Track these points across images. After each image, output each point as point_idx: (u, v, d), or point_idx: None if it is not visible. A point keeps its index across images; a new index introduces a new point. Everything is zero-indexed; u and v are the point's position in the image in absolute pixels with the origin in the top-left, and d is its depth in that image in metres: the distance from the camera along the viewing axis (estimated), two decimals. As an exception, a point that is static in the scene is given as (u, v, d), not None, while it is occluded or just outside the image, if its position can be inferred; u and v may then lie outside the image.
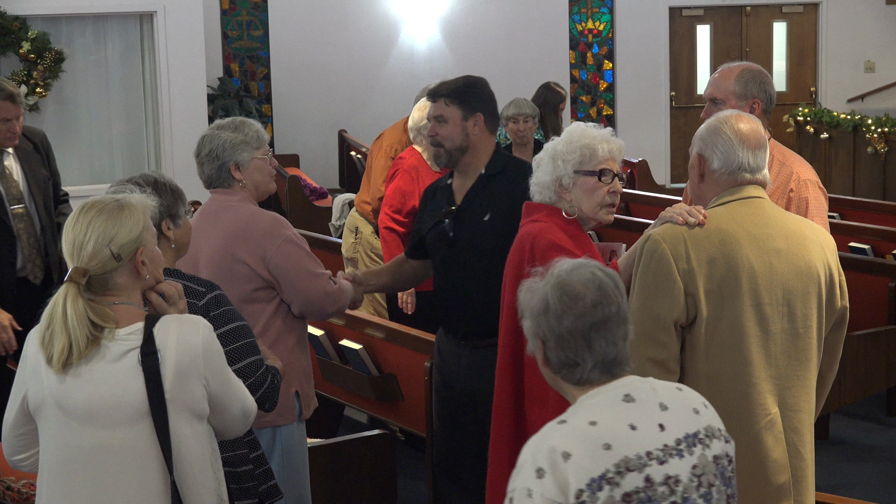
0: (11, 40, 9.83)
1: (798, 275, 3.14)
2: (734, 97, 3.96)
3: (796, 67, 15.44)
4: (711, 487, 2.43)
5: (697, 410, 2.49)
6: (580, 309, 2.46)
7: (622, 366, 2.50)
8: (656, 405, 2.45)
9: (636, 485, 2.35)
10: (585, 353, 2.47)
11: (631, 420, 2.41)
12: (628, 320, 2.51)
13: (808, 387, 3.20)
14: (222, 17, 13.71)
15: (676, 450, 2.41)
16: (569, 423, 2.42)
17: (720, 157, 3.20)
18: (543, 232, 3.51)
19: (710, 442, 2.46)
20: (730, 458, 2.51)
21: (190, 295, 3.41)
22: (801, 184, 3.90)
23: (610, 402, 2.44)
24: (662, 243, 3.10)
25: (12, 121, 5.35)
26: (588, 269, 2.50)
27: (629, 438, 2.38)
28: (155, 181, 3.46)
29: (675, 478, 2.38)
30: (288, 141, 14.01)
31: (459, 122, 4.25)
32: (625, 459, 2.36)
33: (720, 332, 3.09)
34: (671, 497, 2.37)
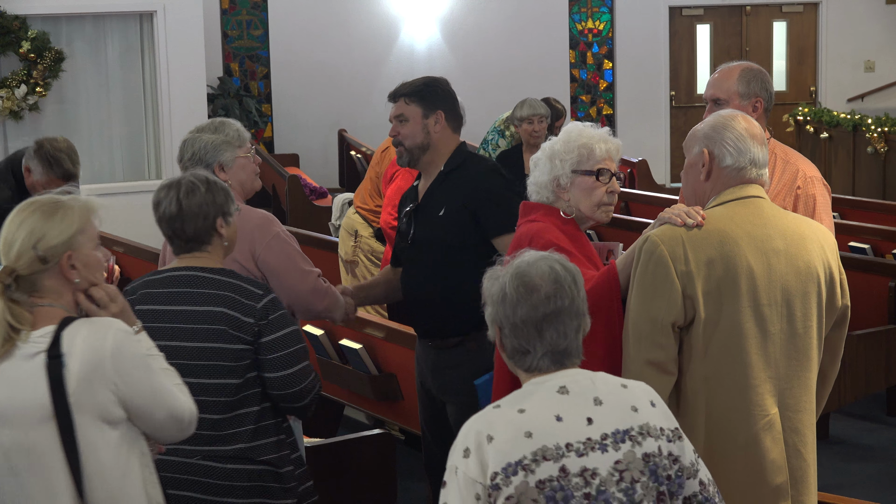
0: (11, 40, 9.83)
1: (797, 275, 3.13)
2: (737, 97, 3.96)
3: (796, 67, 15.44)
4: (635, 483, 2.48)
5: (636, 408, 2.55)
6: (534, 300, 2.56)
7: (572, 357, 2.59)
8: (590, 399, 2.53)
9: (550, 473, 2.44)
10: (536, 342, 2.57)
11: (559, 411, 2.50)
12: (583, 314, 2.61)
13: (808, 387, 3.19)
14: (222, 16, 13.71)
15: (600, 444, 2.49)
16: (502, 408, 2.54)
17: (732, 152, 3.18)
18: (541, 232, 3.50)
19: (643, 440, 2.52)
20: (673, 457, 2.55)
21: (247, 297, 3.42)
22: (807, 181, 3.92)
23: (544, 392, 2.54)
24: (661, 245, 3.09)
25: None
26: (547, 263, 2.60)
27: (552, 429, 2.47)
28: (207, 179, 3.51)
29: (592, 471, 2.46)
30: (288, 141, 14.00)
31: (420, 119, 4.23)
32: (543, 448, 2.46)
33: (719, 334, 3.08)
34: (585, 489, 2.45)
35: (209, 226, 3.48)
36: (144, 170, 10.66)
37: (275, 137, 14.00)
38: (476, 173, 4.20)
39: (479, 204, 4.13)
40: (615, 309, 3.30)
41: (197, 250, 3.51)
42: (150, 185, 10.50)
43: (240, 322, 3.40)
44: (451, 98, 4.32)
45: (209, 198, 3.47)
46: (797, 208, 3.89)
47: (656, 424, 2.56)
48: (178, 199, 3.47)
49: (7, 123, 10.00)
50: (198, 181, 3.49)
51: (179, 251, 3.54)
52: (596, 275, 3.36)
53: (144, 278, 3.61)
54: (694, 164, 3.27)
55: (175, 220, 3.48)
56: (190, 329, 3.43)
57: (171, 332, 3.44)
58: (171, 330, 3.45)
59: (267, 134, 13.97)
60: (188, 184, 3.48)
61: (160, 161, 10.53)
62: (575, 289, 2.60)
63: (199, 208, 3.46)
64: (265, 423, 3.45)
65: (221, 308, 3.41)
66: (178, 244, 3.52)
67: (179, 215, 3.46)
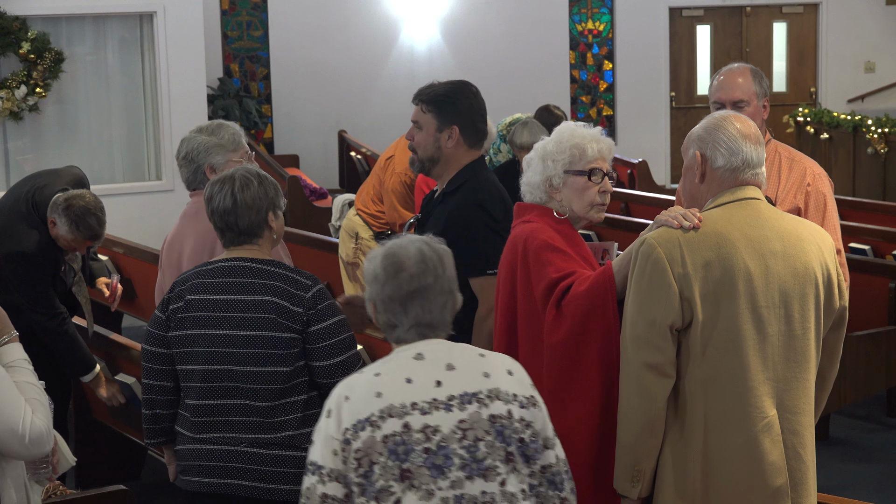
0: (11, 40, 9.83)
1: (795, 276, 3.13)
2: (755, 97, 4.01)
3: (796, 68, 15.45)
4: (479, 441, 2.69)
5: (489, 374, 2.75)
6: (400, 279, 2.78)
7: (437, 330, 2.81)
8: (443, 365, 2.75)
9: (394, 429, 2.67)
10: (402, 316, 2.79)
11: (410, 374, 2.74)
12: (451, 292, 2.81)
13: (807, 389, 3.18)
14: (222, 17, 13.71)
15: (445, 404, 2.70)
16: (363, 373, 2.80)
17: (724, 153, 3.17)
18: (535, 232, 3.50)
19: (491, 402, 2.71)
20: (526, 422, 2.74)
21: (296, 287, 3.50)
22: (816, 178, 3.97)
23: (402, 359, 2.79)
24: (657, 247, 3.08)
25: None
26: (416, 245, 2.82)
27: (401, 389, 2.71)
28: (258, 174, 3.62)
29: (434, 428, 2.68)
30: (288, 141, 14.00)
31: (433, 132, 4.07)
32: (389, 407, 2.69)
33: (716, 336, 3.07)
34: (425, 443, 2.67)
35: (262, 219, 3.57)
36: (144, 170, 10.66)
37: (275, 138, 14.01)
38: (461, 206, 4.02)
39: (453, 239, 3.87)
40: (610, 310, 3.30)
41: (248, 243, 3.59)
42: (150, 185, 10.51)
43: (289, 311, 3.46)
44: (471, 111, 4.11)
45: (262, 192, 3.57)
46: (808, 206, 3.92)
47: (508, 390, 2.75)
48: (233, 192, 3.55)
49: (7, 124, 10.00)
50: (251, 175, 3.59)
51: (230, 244, 3.61)
52: (591, 276, 3.35)
53: (196, 269, 3.67)
54: (689, 167, 3.27)
55: (229, 214, 3.56)
56: (240, 318, 3.49)
57: (221, 321, 3.51)
58: (222, 319, 3.51)
59: (267, 135, 13.98)
60: (242, 178, 3.57)
61: (160, 162, 10.53)
62: (441, 268, 2.80)
63: (252, 202, 3.55)
64: (312, 411, 3.48)
65: (271, 297, 3.48)
66: (230, 237, 3.60)
67: (234, 209, 3.55)
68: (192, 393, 3.57)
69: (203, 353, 3.52)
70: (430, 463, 2.67)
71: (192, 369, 3.55)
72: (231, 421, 3.52)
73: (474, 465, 2.68)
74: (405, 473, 2.66)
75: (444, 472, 2.67)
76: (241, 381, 3.49)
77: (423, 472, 2.66)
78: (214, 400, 3.53)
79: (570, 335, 3.33)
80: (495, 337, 3.66)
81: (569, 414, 3.35)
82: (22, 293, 5.08)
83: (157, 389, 3.65)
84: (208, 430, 3.54)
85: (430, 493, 2.66)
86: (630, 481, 3.14)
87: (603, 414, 3.32)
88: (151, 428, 3.71)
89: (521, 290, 3.51)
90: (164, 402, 3.66)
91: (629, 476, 3.14)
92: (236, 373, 3.49)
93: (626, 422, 3.13)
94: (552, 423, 2.89)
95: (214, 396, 3.53)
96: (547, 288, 3.39)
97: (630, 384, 3.10)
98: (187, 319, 3.55)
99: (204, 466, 3.55)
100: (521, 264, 3.50)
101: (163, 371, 3.63)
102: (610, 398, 3.29)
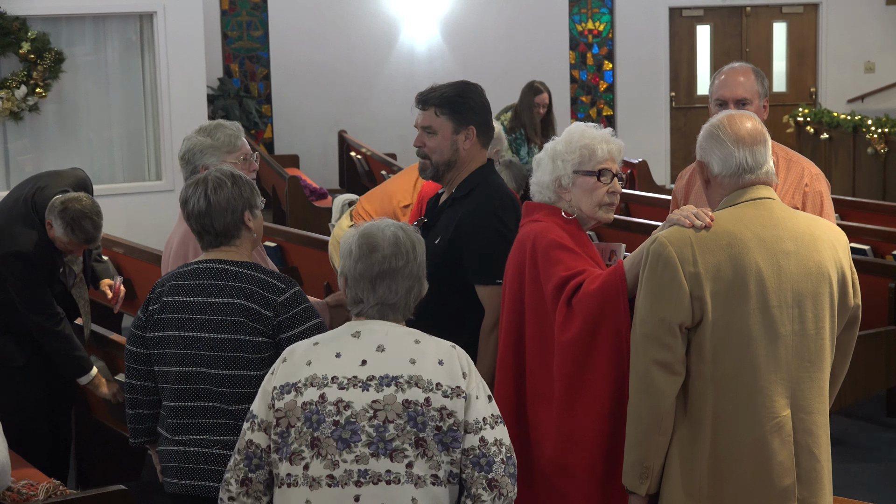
0: (11, 41, 9.82)
1: (808, 276, 3.13)
2: (757, 97, 4.02)
3: (796, 68, 15.45)
4: (388, 423, 2.83)
5: (415, 361, 2.88)
6: (373, 258, 2.94)
7: (396, 312, 2.98)
8: (374, 345, 2.91)
9: (312, 398, 2.87)
10: (369, 294, 2.96)
11: (341, 349, 2.91)
12: (418, 278, 2.98)
13: (821, 388, 3.18)
14: (222, 17, 13.71)
15: (363, 383, 2.86)
16: (310, 340, 3.00)
17: (718, 161, 3.20)
18: (544, 231, 3.51)
19: (408, 388, 2.85)
20: (448, 411, 2.84)
21: (269, 290, 3.48)
22: (813, 178, 3.98)
23: (342, 333, 2.97)
24: (669, 246, 3.09)
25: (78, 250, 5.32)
26: (391, 229, 2.99)
27: (328, 362, 2.90)
28: (232, 174, 3.60)
29: (346, 403, 2.85)
30: (288, 141, 14.00)
31: (450, 135, 3.97)
32: (313, 376, 2.89)
33: (726, 336, 3.08)
34: (335, 416, 2.84)
35: (237, 219, 3.56)
36: (144, 171, 10.65)
37: (275, 138, 14.00)
38: (474, 212, 3.93)
39: (464, 245, 3.91)
40: (622, 308, 3.31)
41: (226, 244, 3.58)
42: (150, 185, 10.50)
43: (259, 315, 3.44)
44: (484, 110, 4.04)
45: (236, 192, 3.55)
46: (805, 205, 3.93)
47: (432, 378, 2.87)
48: (207, 194, 3.53)
49: (7, 124, 9.99)
50: (224, 176, 3.57)
51: (209, 246, 3.60)
52: (603, 274, 3.36)
53: (176, 270, 3.66)
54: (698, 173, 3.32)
55: (204, 216, 3.54)
56: (212, 320, 3.48)
57: (194, 324, 3.50)
58: (194, 321, 3.50)
59: (267, 135, 13.98)
60: (215, 179, 3.55)
61: (160, 162, 10.53)
62: (412, 254, 2.98)
63: (227, 203, 3.53)
64: None
65: (241, 300, 3.46)
66: (208, 239, 3.58)
67: (208, 211, 3.53)
68: (167, 395, 3.58)
69: (176, 356, 3.52)
70: (337, 435, 2.84)
71: (167, 371, 3.56)
72: (204, 423, 3.51)
73: (381, 444, 2.83)
74: (315, 441, 2.85)
75: (350, 446, 2.83)
76: (213, 384, 3.47)
77: (330, 442, 2.84)
78: (188, 402, 3.52)
79: (582, 333, 3.34)
80: (501, 335, 3.65)
81: (579, 411, 3.37)
82: (18, 293, 5.08)
83: (140, 389, 3.66)
84: (184, 432, 3.53)
85: (335, 463, 2.83)
86: (638, 478, 3.15)
87: (613, 411, 3.33)
88: (135, 427, 3.73)
89: (529, 289, 3.51)
90: (146, 402, 3.66)
91: (637, 472, 3.15)
92: (207, 375, 3.47)
93: (634, 418, 3.14)
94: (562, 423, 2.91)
95: (188, 398, 3.52)
96: (557, 286, 3.40)
97: (639, 381, 3.11)
98: (163, 321, 3.55)
99: (180, 468, 3.56)
100: (529, 263, 3.50)
101: (144, 371, 3.63)
102: (620, 396, 3.30)
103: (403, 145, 13.09)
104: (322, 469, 2.83)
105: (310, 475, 2.84)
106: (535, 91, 8.59)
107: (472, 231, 3.89)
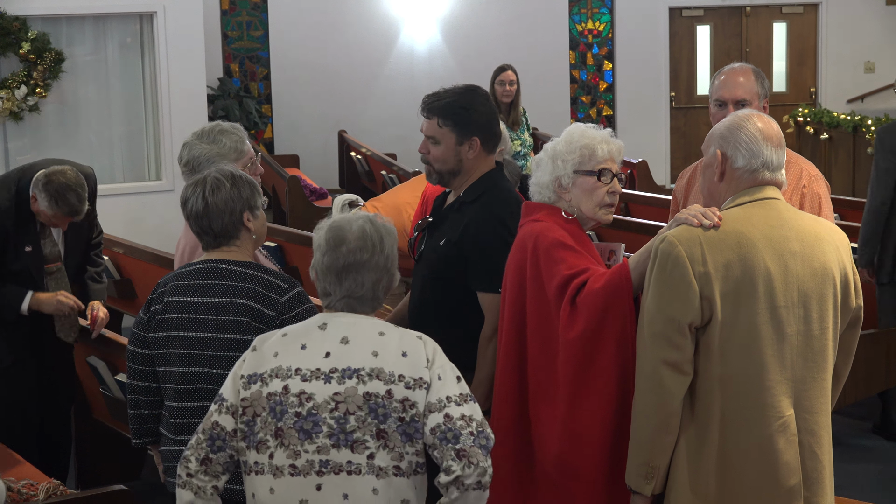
0: (11, 41, 9.82)
1: (813, 276, 3.13)
2: (757, 98, 4.01)
3: (796, 68, 15.45)
4: (349, 415, 2.88)
5: (377, 353, 2.91)
6: (339, 252, 2.97)
7: (363, 305, 3.01)
8: (338, 338, 2.94)
9: (276, 389, 2.92)
10: (336, 286, 2.99)
11: (307, 341, 2.96)
12: (386, 269, 3.00)
13: (824, 388, 3.19)
14: (222, 17, 13.71)
15: (326, 375, 2.90)
16: (280, 330, 3.03)
17: (744, 154, 3.18)
18: (545, 231, 3.51)
19: (370, 381, 2.88)
20: (410, 402, 2.88)
21: (271, 290, 3.47)
22: (811, 179, 3.97)
23: (310, 325, 3.00)
24: (678, 245, 3.08)
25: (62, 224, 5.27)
26: (359, 222, 3.01)
27: (294, 353, 2.94)
28: (231, 174, 3.58)
29: (308, 395, 2.90)
30: (288, 141, 14.00)
31: (453, 146, 3.93)
32: (278, 367, 2.94)
33: (735, 336, 3.07)
34: (297, 408, 2.89)
35: (236, 220, 3.54)
36: (144, 171, 10.65)
37: (275, 138, 14.00)
38: (482, 219, 3.91)
39: (469, 251, 3.90)
40: (627, 308, 3.31)
41: (226, 245, 3.57)
42: (150, 185, 10.50)
43: (262, 314, 3.44)
44: (488, 119, 3.98)
45: (234, 193, 3.54)
46: (803, 207, 3.93)
47: (394, 371, 2.89)
48: (205, 195, 3.52)
49: (7, 124, 9.99)
50: (222, 177, 3.55)
51: (209, 247, 3.59)
52: (608, 273, 3.36)
53: (178, 270, 3.66)
54: (709, 165, 3.27)
55: (202, 218, 3.54)
56: (215, 320, 3.47)
57: (196, 324, 3.50)
58: (197, 321, 3.50)
59: (267, 135, 13.97)
60: (213, 180, 3.54)
61: (160, 162, 10.53)
62: (379, 246, 3.00)
63: (224, 204, 3.52)
64: None
65: (244, 300, 3.46)
66: (208, 240, 3.58)
67: (206, 212, 3.52)
68: (170, 395, 3.58)
69: (179, 356, 3.52)
70: (299, 426, 2.89)
71: (170, 371, 3.56)
72: None
73: (342, 435, 2.88)
74: (279, 431, 2.91)
75: (312, 437, 2.89)
76: (216, 384, 3.43)
77: (292, 433, 2.90)
78: (191, 402, 3.52)
79: (586, 331, 3.34)
80: (502, 335, 3.65)
81: (584, 409, 3.36)
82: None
83: (142, 390, 3.66)
84: (186, 432, 3.51)
85: (297, 453, 2.89)
86: (644, 478, 3.15)
87: (618, 410, 3.33)
88: (137, 428, 3.73)
89: (530, 288, 3.51)
90: (148, 403, 3.67)
91: (643, 473, 3.15)
92: (210, 375, 3.47)
93: (641, 418, 3.13)
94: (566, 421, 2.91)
95: (191, 398, 3.52)
96: (560, 284, 3.40)
97: (647, 381, 3.10)
98: (165, 321, 3.55)
99: None
100: (530, 262, 3.50)
101: (146, 372, 3.63)
102: (624, 395, 3.30)
103: (403, 145, 13.09)
104: (285, 458, 2.90)
105: (274, 464, 2.91)
106: (499, 70, 8.74)
107: (478, 238, 3.88)
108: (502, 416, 3.60)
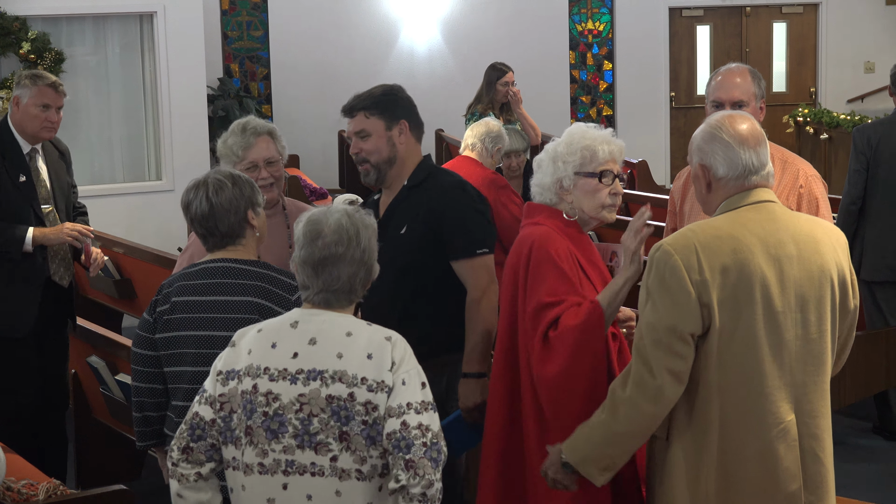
0: (11, 41, 9.82)
1: (811, 280, 3.10)
2: (754, 98, 4.01)
3: (796, 68, 15.44)
4: (313, 417, 2.89)
5: (342, 355, 2.91)
6: (316, 245, 2.98)
7: (341, 300, 3.01)
8: (307, 338, 2.96)
9: (248, 387, 2.96)
10: (314, 280, 3.00)
11: (277, 340, 2.98)
12: (363, 262, 3.00)
13: (823, 392, 3.16)
14: (222, 17, 13.71)
15: (292, 376, 2.93)
16: (257, 326, 3.06)
17: (723, 163, 3.14)
18: (542, 240, 3.49)
19: (332, 383, 2.89)
20: (372, 405, 2.88)
21: (280, 288, 3.49)
22: (809, 179, 3.96)
23: (282, 322, 3.02)
24: (674, 254, 3.03)
25: (52, 108, 5.33)
26: (337, 215, 3.01)
27: (265, 352, 2.97)
28: (231, 174, 3.61)
29: (275, 395, 2.93)
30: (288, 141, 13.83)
31: (384, 132, 4.06)
32: (250, 366, 2.97)
33: (733, 342, 3.04)
34: (265, 407, 2.93)
35: (241, 219, 3.56)
36: (144, 170, 10.66)
37: (275, 138, 13.99)
38: (440, 190, 4.01)
39: (440, 223, 3.96)
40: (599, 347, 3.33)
41: (231, 244, 3.58)
42: (150, 185, 10.51)
43: (272, 312, 3.43)
44: (411, 105, 4.15)
45: (237, 192, 3.55)
46: (801, 207, 3.92)
47: (357, 373, 2.89)
48: (208, 197, 3.53)
49: (7, 124, 10.00)
50: (223, 177, 3.57)
51: (214, 248, 3.59)
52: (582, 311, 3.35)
53: (183, 270, 3.66)
54: (696, 177, 3.24)
55: (208, 219, 3.54)
56: (224, 319, 3.47)
57: (206, 323, 3.49)
58: (206, 320, 3.50)
59: (267, 135, 13.96)
60: (215, 181, 3.55)
61: (160, 162, 10.53)
62: (355, 240, 3.00)
63: (229, 203, 3.53)
64: None
65: (254, 298, 3.47)
66: (213, 241, 3.58)
67: (212, 213, 3.53)
68: (179, 395, 3.56)
69: (192, 355, 3.51)
70: (266, 426, 2.93)
71: (180, 371, 3.55)
72: None
73: (306, 437, 2.90)
74: (248, 429, 2.95)
75: (278, 437, 2.92)
76: None
77: (260, 432, 2.93)
78: None
79: (559, 376, 3.34)
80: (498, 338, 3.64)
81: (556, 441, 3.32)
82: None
83: (147, 392, 3.65)
84: None
85: (265, 452, 2.93)
86: (602, 469, 3.14)
87: None
88: (142, 431, 3.72)
89: (520, 294, 3.51)
90: (154, 405, 3.66)
91: (604, 465, 3.14)
92: None
93: (625, 421, 3.09)
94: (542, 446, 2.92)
95: None
96: (534, 310, 3.40)
97: (645, 389, 3.04)
98: (173, 321, 3.54)
99: None
100: (523, 269, 3.50)
101: (152, 374, 3.62)
102: None
103: (403, 145, 13.08)
104: (254, 456, 2.94)
105: (244, 461, 2.96)
106: (498, 72, 8.68)
107: (445, 208, 3.96)
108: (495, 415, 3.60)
